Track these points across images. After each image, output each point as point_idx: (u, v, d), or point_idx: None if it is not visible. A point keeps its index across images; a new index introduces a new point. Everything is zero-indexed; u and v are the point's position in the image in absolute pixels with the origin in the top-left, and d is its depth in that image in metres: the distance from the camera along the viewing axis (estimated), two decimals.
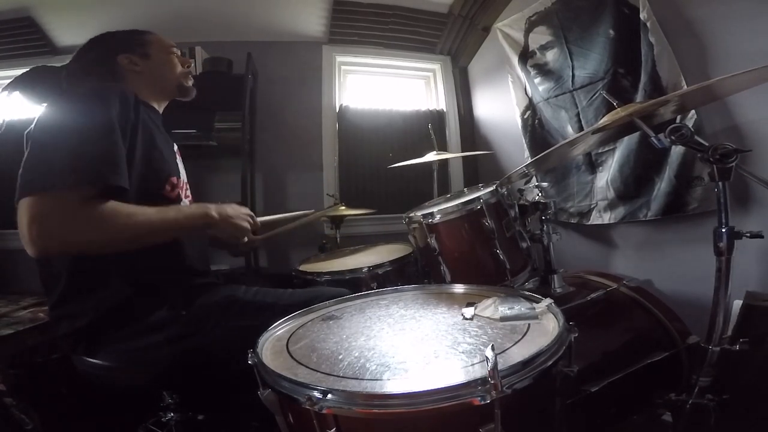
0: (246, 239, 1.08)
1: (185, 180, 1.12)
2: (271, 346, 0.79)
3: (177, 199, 1.04)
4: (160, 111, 1.15)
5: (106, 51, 1.07)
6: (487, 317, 0.80)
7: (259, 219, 1.16)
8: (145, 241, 0.88)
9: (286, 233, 1.29)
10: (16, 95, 1.06)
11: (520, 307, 0.81)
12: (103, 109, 0.86)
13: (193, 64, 1.21)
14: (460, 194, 1.57)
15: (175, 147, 1.15)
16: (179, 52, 1.18)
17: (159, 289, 0.96)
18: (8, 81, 2.25)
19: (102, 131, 0.84)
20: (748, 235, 0.83)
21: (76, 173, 0.78)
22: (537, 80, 1.97)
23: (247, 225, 1.06)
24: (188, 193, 1.13)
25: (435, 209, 1.32)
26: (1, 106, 1.07)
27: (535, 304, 0.82)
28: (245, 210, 1.08)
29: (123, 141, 0.88)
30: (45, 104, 1.01)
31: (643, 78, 1.44)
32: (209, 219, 0.98)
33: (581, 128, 1.73)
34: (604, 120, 0.96)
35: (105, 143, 0.83)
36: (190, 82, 1.18)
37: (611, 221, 1.68)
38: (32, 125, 0.89)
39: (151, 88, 1.11)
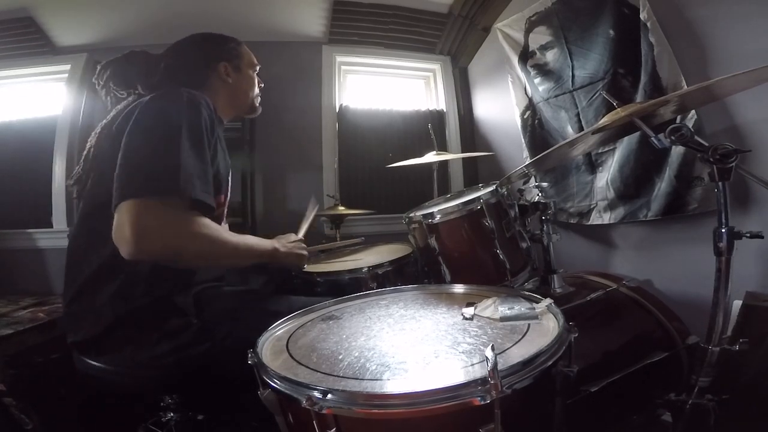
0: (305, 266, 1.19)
1: (229, 197, 1.12)
2: (271, 346, 0.79)
3: (220, 218, 1.04)
4: (225, 123, 1.16)
5: (211, 54, 1.09)
6: (487, 317, 0.80)
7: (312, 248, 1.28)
8: (225, 262, 0.96)
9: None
10: (106, 79, 1.04)
11: (520, 307, 0.81)
12: (200, 120, 0.88)
13: (263, 85, 1.25)
14: (460, 194, 1.57)
15: (229, 162, 1.14)
16: (259, 69, 1.20)
17: (171, 297, 0.95)
18: (10, 79, 2.30)
19: (198, 143, 0.86)
20: (748, 235, 0.83)
21: (179, 184, 0.79)
22: (537, 80, 1.97)
23: (305, 254, 1.17)
24: (226, 210, 1.11)
25: (435, 209, 1.32)
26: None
27: (535, 304, 0.82)
28: (296, 238, 1.18)
29: (211, 156, 0.90)
30: (124, 93, 1.04)
31: (643, 78, 1.44)
32: (276, 253, 1.06)
33: (581, 128, 1.73)
34: (604, 120, 0.96)
35: (202, 157, 0.86)
36: (258, 101, 1.20)
37: (611, 221, 1.68)
38: (119, 119, 0.90)
39: (231, 101, 1.13)
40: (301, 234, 1.27)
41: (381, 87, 2.79)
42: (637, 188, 1.55)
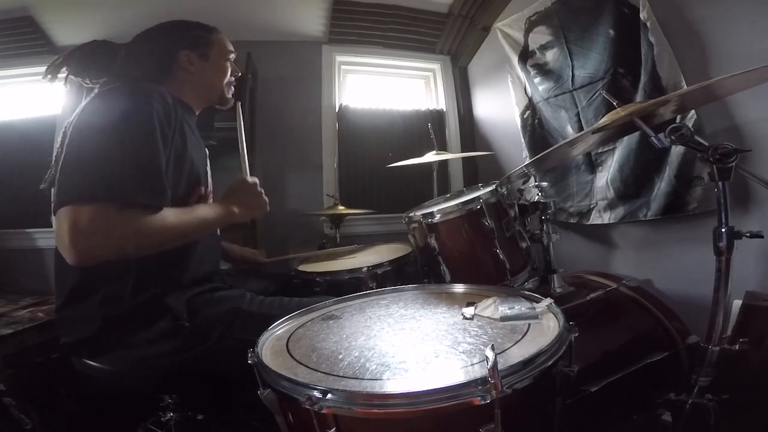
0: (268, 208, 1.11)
1: (211, 189, 1.10)
2: (271, 346, 0.79)
3: None
4: (197, 113, 1.12)
5: (170, 42, 1.05)
6: (487, 317, 0.80)
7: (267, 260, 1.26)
8: (179, 242, 0.91)
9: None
10: (65, 72, 1.01)
11: (520, 307, 0.81)
12: (147, 120, 0.84)
13: (240, 74, 1.20)
14: (460, 194, 1.57)
15: (207, 152, 1.12)
16: (234, 58, 1.15)
17: (163, 299, 0.94)
18: (10, 79, 2.30)
19: (148, 144, 0.83)
20: (748, 235, 0.83)
21: (117, 187, 0.77)
22: (537, 80, 1.97)
23: (263, 199, 1.09)
24: (211, 200, 1.10)
25: (435, 209, 1.32)
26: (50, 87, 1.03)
27: (535, 304, 0.82)
28: (250, 184, 1.08)
29: (165, 152, 0.86)
30: (89, 82, 1.00)
31: (643, 78, 1.44)
32: (233, 215, 1.01)
33: (581, 128, 1.73)
34: (604, 120, 0.95)
35: (149, 158, 0.82)
36: (231, 92, 1.16)
37: (611, 221, 1.68)
38: (71, 120, 0.87)
39: (197, 91, 1.08)
40: (244, 170, 1.16)
41: (381, 87, 2.79)
42: (636, 188, 1.55)
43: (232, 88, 1.16)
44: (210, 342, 0.91)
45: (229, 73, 1.13)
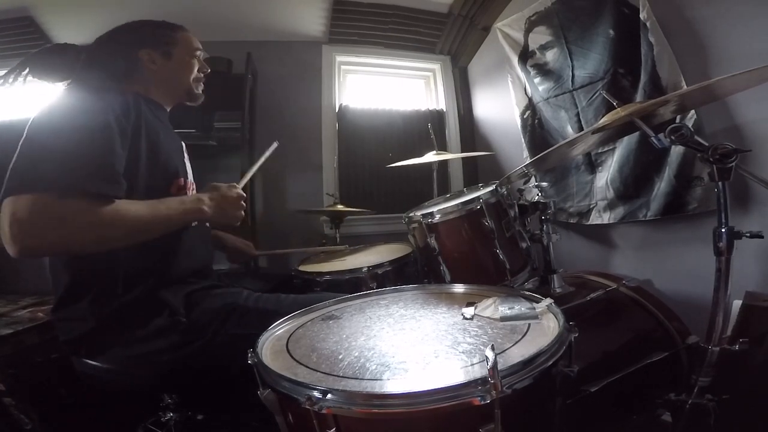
0: (239, 223, 1.07)
1: (192, 180, 1.11)
2: (271, 346, 0.79)
3: None
4: (168, 109, 1.13)
5: (131, 42, 1.05)
6: (487, 317, 0.80)
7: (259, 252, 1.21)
8: (138, 238, 0.86)
9: (286, 255, 1.30)
10: (26, 76, 1.02)
11: (520, 307, 0.81)
12: (100, 113, 0.84)
13: (209, 70, 1.19)
14: (460, 194, 1.57)
15: (183, 146, 1.13)
16: (201, 55, 1.16)
17: (159, 295, 0.95)
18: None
19: (97, 136, 0.82)
20: (748, 235, 0.83)
21: (61, 176, 0.76)
22: (537, 80, 1.97)
23: (239, 214, 1.05)
24: (194, 192, 1.11)
25: (435, 209, 1.32)
26: (18, 97, 1.03)
27: (535, 304, 0.82)
28: (234, 191, 1.06)
29: (123, 145, 0.86)
30: (59, 85, 1.00)
31: (643, 78, 1.44)
32: (202, 215, 0.97)
33: (581, 128, 1.73)
34: (604, 120, 0.95)
35: (99, 149, 0.81)
36: (200, 89, 1.16)
37: (611, 221, 1.68)
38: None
39: (162, 88, 1.09)
40: (242, 182, 1.15)
41: (381, 87, 2.79)
42: (636, 188, 1.55)
43: (201, 84, 1.16)
44: (207, 337, 0.91)
45: (195, 70, 1.13)
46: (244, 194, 1.09)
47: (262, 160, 1.32)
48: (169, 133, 1.07)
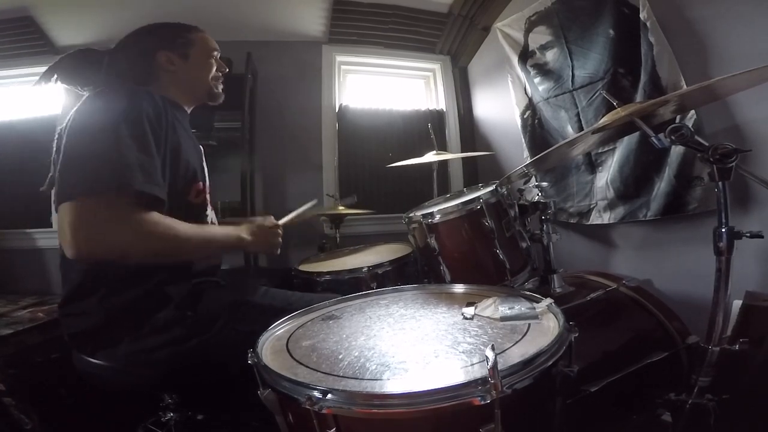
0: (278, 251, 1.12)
1: (209, 184, 1.12)
2: (271, 345, 0.79)
3: (202, 205, 1.04)
4: (189, 111, 1.14)
5: (148, 45, 1.07)
6: (487, 317, 0.80)
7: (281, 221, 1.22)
8: (181, 255, 0.91)
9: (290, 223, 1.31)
10: (55, 80, 1.04)
11: (520, 307, 0.81)
12: (139, 114, 0.86)
13: (227, 69, 1.21)
14: (460, 194, 1.57)
15: (202, 149, 1.14)
16: (219, 55, 1.17)
17: (166, 289, 0.95)
18: (10, 79, 2.30)
19: (139, 138, 0.84)
20: (748, 235, 0.83)
21: (117, 179, 0.78)
22: (537, 80, 1.96)
23: (278, 240, 1.11)
24: (209, 198, 1.11)
25: (435, 209, 1.32)
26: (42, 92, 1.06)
27: (535, 304, 0.82)
28: (271, 223, 1.12)
29: (158, 148, 0.88)
30: (81, 89, 1.03)
31: (643, 78, 1.44)
32: (242, 243, 1.02)
33: (581, 128, 1.73)
34: (604, 120, 0.95)
35: (143, 151, 0.83)
36: (220, 88, 1.17)
37: (611, 221, 1.68)
38: (66, 123, 0.89)
39: (183, 89, 1.10)
40: (281, 221, 1.21)
41: (381, 87, 2.79)
42: (636, 188, 1.55)
43: (221, 83, 1.17)
44: (213, 332, 0.92)
45: (213, 70, 1.14)
46: (279, 224, 1.15)
47: (304, 208, 1.36)
48: (189, 136, 1.08)
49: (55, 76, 1.03)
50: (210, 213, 1.09)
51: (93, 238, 0.76)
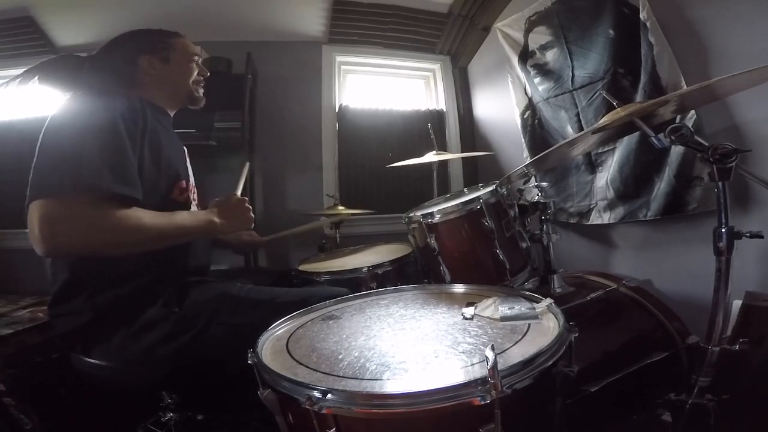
0: (253, 225, 1.11)
1: (193, 183, 1.13)
2: (271, 345, 0.79)
3: (186, 203, 1.06)
4: (172, 114, 1.16)
5: (131, 50, 1.09)
6: (487, 317, 0.80)
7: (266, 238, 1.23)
8: (153, 246, 0.91)
9: (291, 236, 1.31)
10: (36, 83, 1.06)
11: (520, 307, 0.81)
12: (111, 117, 0.88)
13: (209, 74, 1.23)
14: (460, 194, 1.57)
15: (185, 150, 1.16)
16: (200, 60, 1.19)
17: (154, 287, 0.96)
18: (6, 78, 2.30)
19: (111, 139, 0.86)
20: (748, 235, 0.83)
21: (85, 179, 0.80)
22: (537, 80, 1.97)
23: (249, 215, 1.10)
24: (195, 196, 1.13)
25: (435, 209, 1.32)
26: (16, 98, 1.07)
27: (535, 304, 0.82)
28: (237, 201, 1.09)
29: (133, 149, 0.89)
30: (67, 94, 1.03)
31: (643, 78, 1.44)
32: (214, 226, 1.02)
33: (581, 128, 1.73)
34: (604, 120, 0.95)
35: (114, 151, 0.85)
36: (201, 92, 1.19)
37: (611, 221, 1.68)
38: (44, 126, 0.90)
39: (163, 93, 1.12)
40: (239, 191, 1.19)
41: (381, 87, 2.79)
42: (636, 188, 1.55)
43: (202, 87, 1.19)
44: (199, 327, 0.92)
45: (195, 74, 1.16)
46: (245, 197, 1.12)
47: (244, 178, 1.35)
48: (172, 137, 1.10)
49: (36, 77, 1.05)
50: (194, 209, 1.10)
51: (60, 234, 0.78)
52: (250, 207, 1.11)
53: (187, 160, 1.15)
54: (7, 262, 2.17)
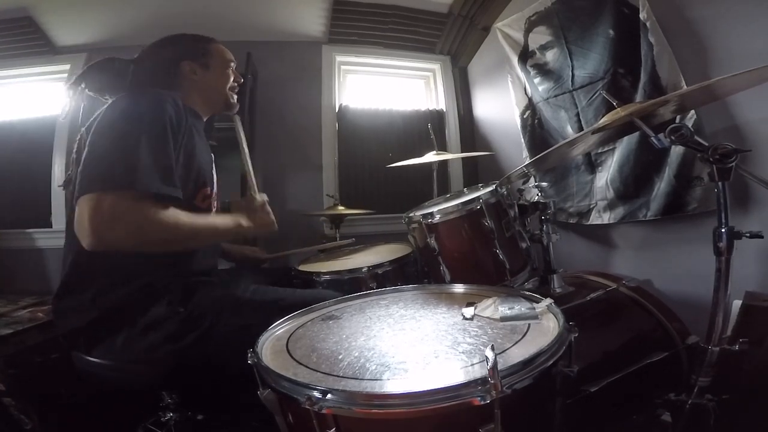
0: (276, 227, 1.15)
1: (216, 191, 1.14)
2: (271, 346, 0.79)
3: (207, 210, 1.06)
4: (205, 119, 1.18)
5: (174, 54, 1.11)
6: (487, 317, 0.80)
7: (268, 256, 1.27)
8: (187, 245, 0.96)
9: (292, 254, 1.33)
10: (83, 89, 1.09)
11: (520, 307, 0.81)
12: (162, 117, 0.90)
13: (242, 80, 1.27)
14: (460, 194, 1.57)
15: (213, 157, 1.17)
16: (235, 66, 1.22)
17: (158, 287, 0.96)
18: (10, 79, 2.30)
19: (160, 139, 0.88)
20: (748, 235, 0.83)
21: (136, 177, 0.82)
22: (537, 80, 1.97)
23: (270, 217, 1.14)
24: (216, 204, 1.14)
25: (435, 209, 1.32)
26: (69, 97, 1.09)
27: (535, 304, 0.82)
28: (260, 201, 1.14)
29: (175, 149, 0.92)
30: (108, 97, 1.07)
31: (643, 78, 1.44)
32: (242, 228, 1.07)
33: (581, 128, 1.73)
34: (604, 120, 0.95)
35: (162, 151, 0.88)
36: (235, 98, 1.21)
37: (611, 221, 1.68)
38: (91, 121, 0.93)
39: (203, 98, 1.14)
40: (256, 192, 1.21)
41: (381, 87, 2.79)
42: (636, 188, 1.55)
43: (236, 93, 1.22)
44: (204, 327, 0.92)
45: (231, 80, 1.20)
46: (265, 198, 1.17)
47: (243, 143, 1.34)
48: (204, 143, 1.12)
49: (83, 84, 1.07)
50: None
51: (109, 228, 0.80)
52: (270, 210, 1.15)
53: (214, 168, 1.17)
54: (7, 262, 2.18)
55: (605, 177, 1.68)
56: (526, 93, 2.05)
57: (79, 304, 0.93)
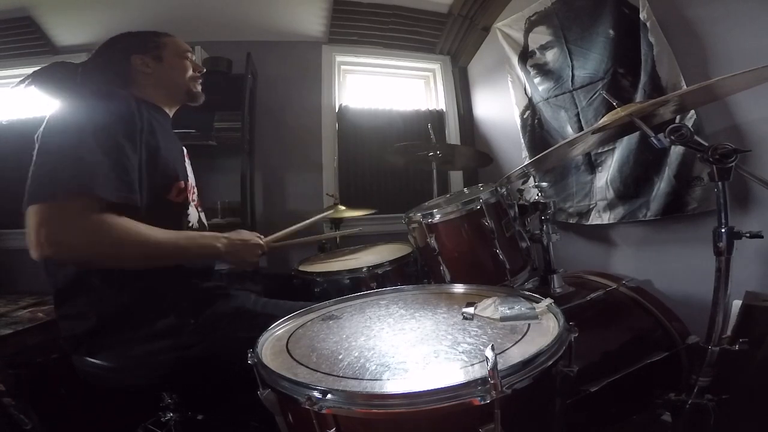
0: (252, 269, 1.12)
1: (193, 183, 1.12)
2: (271, 346, 0.79)
3: (184, 204, 1.04)
4: (171, 114, 1.15)
5: (122, 50, 1.08)
6: (487, 317, 0.80)
7: (267, 238, 1.18)
8: (151, 263, 0.90)
9: (292, 246, 1.30)
10: (32, 89, 1.06)
11: (520, 307, 0.81)
12: (108, 118, 0.87)
13: (205, 70, 1.22)
14: (460, 194, 1.57)
15: (184, 150, 1.15)
16: (193, 57, 1.18)
17: (166, 296, 0.95)
18: (10, 79, 2.30)
19: (109, 141, 0.84)
20: (748, 235, 0.83)
21: (81, 184, 0.78)
22: (537, 80, 1.97)
23: (255, 258, 1.09)
24: (195, 196, 1.12)
25: (435, 209, 1.31)
26: (16, 99, 1.07)
27: (535, 304, 0.81)
28: (255, 240, 1.10)
29: (133, 150, 0.88)
30: (60, 101, 1.02)
31: (643, 78, 1.44)
32: (217, 253, 1.01)
33: (581, 128, 1.73)
34: (604, 120, 0.95)
35: (112, 155, 0.84)
36: (199, 87, 1.18)
37: (611, 221, 1.68)
38: (41, 128, 0.89)
39: (161, 91, 1.11)
40: (269, 237, 1.19)
41: (381, 87, 2.79)
42: (636, 188, 1.55)
43: (199, 83, 1.18)
44: (214, 338, 0.92)
45: (189, 70, 1.15)
46: (265, 247, 1.13)
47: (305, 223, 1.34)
48: (170, 137, 1.09)
49: (32, 85, 1.04)
50: (193, 211, 1.08)
51: (55, 240, 0.76)
52: (262, 253, 1.11)
53: (187, 160, 1.14)
54: (7, 262, 2.18)
55: (605, 177, 1.68)
56: (526, 93, 2.05)
57: (79, 309, 0.92)
